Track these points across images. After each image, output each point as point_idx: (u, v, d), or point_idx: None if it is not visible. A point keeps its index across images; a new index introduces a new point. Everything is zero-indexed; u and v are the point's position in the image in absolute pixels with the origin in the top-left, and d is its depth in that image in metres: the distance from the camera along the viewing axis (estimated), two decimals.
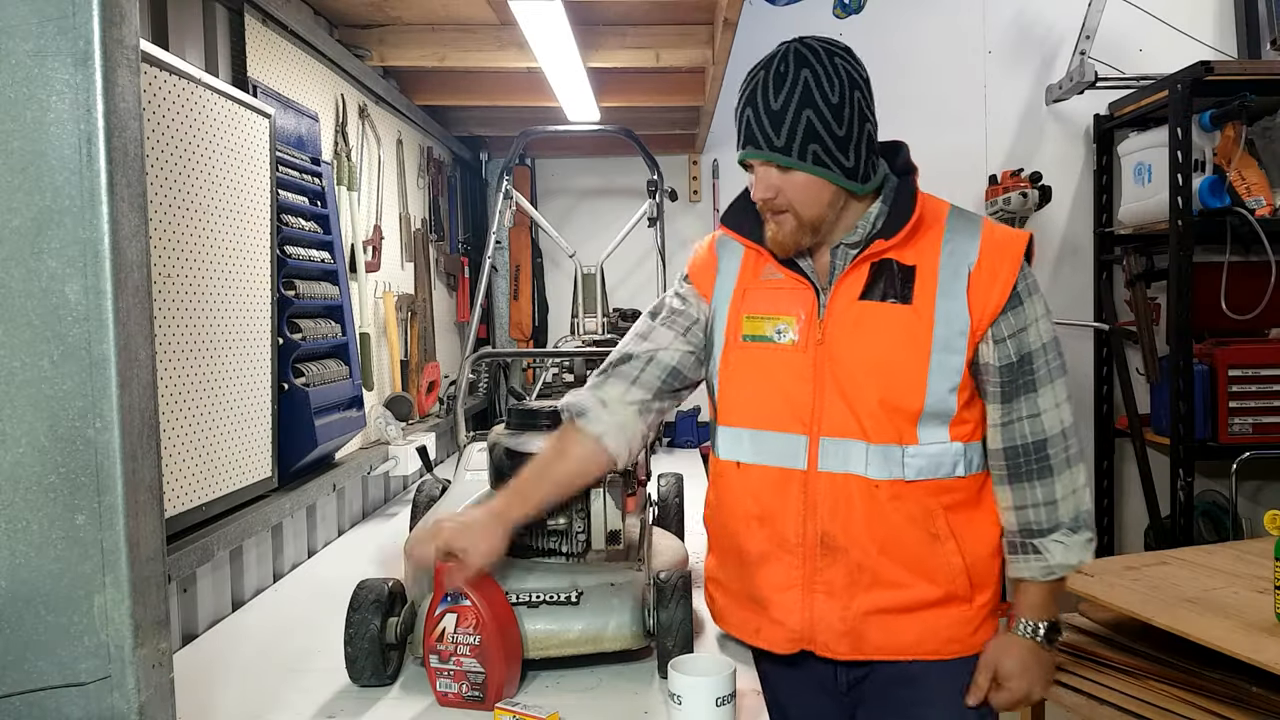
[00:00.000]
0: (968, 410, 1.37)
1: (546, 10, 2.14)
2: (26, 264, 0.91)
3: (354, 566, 2.07)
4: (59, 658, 0.94)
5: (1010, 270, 1.35)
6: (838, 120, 1.31)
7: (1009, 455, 1.37)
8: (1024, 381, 1.35)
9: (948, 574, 1.37)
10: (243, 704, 1.40)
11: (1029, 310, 1.36)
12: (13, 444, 0.92)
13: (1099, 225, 3.99)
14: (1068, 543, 1.36)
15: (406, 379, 3.09)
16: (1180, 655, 2.05)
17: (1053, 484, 1.36)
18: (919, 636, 1.38)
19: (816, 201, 1.35)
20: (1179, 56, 3.51)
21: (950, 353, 1.33)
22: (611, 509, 1.56)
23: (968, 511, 1.39)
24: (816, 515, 1.37)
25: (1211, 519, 3.68)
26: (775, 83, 1.31)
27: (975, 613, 1.40)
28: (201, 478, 1.70)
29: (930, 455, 1.35)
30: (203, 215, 1.70)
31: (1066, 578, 1.39)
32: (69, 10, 0.90)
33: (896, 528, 1.35)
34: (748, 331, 1.43)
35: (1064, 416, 1.37)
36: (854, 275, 1.37)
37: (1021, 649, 1.38)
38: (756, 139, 1.33)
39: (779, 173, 1.34)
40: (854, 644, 1.38)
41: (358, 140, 2.73)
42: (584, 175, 4.20)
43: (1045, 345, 1.36)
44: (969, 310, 1.33)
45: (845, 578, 1.37)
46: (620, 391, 1.47)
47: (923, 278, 1.35)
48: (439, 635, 1.32)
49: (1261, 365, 3.35)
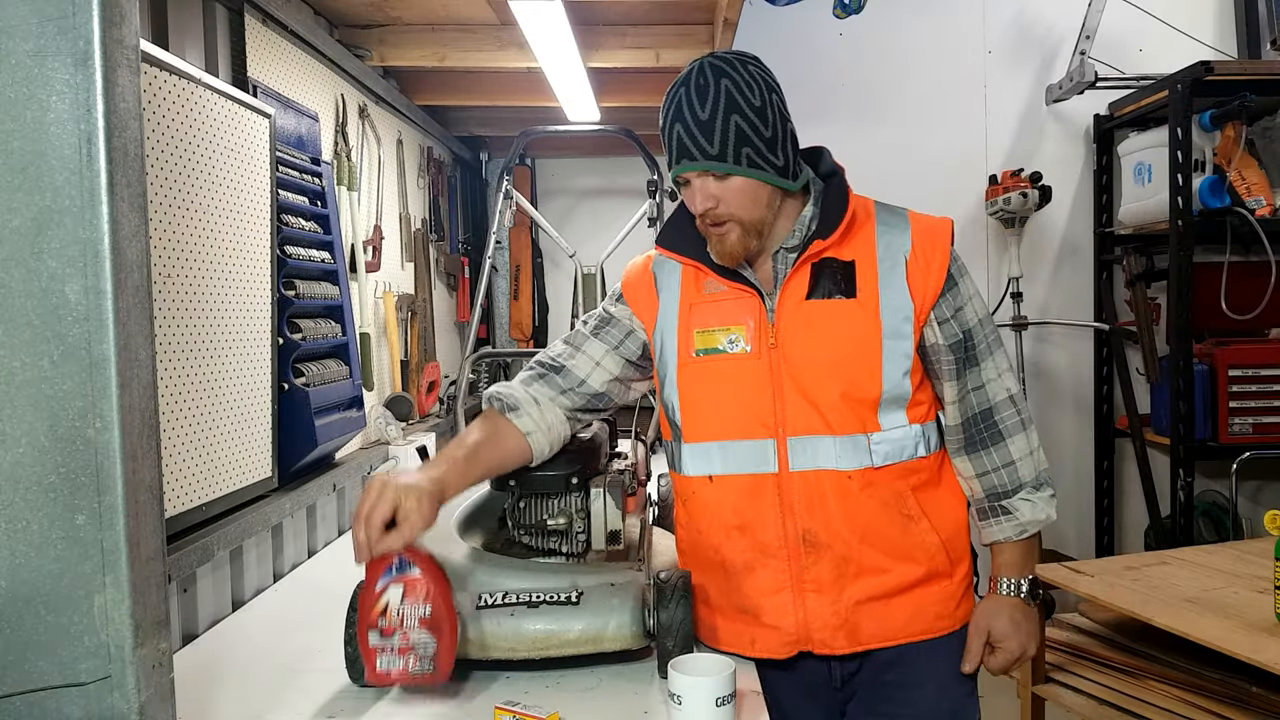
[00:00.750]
0: (920, 392, 1.44)
1: (546, 10, 2.14)
2: (26, 264, 0.91)
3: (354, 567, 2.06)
4: (59, 658, 0.94)
5: (943, 255, 1.42)
6: (763, 122, 1.35)
7: (965, 427, 1.46)
8: (970, 355, 1.44)
9: (926, 552, 1.43)
10: (243, 704, 1.40)
11: (963, 290, 1.44)
12: (13, 444, 0.92)
13: (1099, 225, 3.99)
14: (1034, 499, 1.45)
15: (406, 379, 3.09)
16: (1180, 655, 2.05)
17: (1008, 447, 1.44)
18: (909, 618, 1.43)
19: (755, 204, 1.38)
20: (1179, 56, 3.51)
21: (899, 339, 1.40)
22: (611, 509, 1.57)
23: (932, 490, 1.46)
24: (794, 515, 1.40)
25: (1212, 519, 3.68)
26: (699, 95, 1.34)
27: (956, 586, 1.47)
28: (201, 478, 1.70)
29: (894, 440, 1.41)
30: (203, 215, 1.70)
31: (1039, 534, 1.48)
32: (69, 10, 0.90)
33: (873, 515, 1.40)
34: (699, 346, 1.45)
35: (1009, 384, 1.46)
36: (797, 277, 1.42)
37: (1010, 607, 1.46)
38: (690, 151, 1.35)
39: (716, 182, 1.37)
40: (850, 636, 1.42)
41: (358, 140, 2.73)
42: (584, 175, 4.20)
43: (981, 320, 1.45)
44: (910, 296, 1.40)
45: (832, 572, 1.40)
46: (551, 395, 1.52)
47: (863, 271, 1.41)
48: (382, 610, 1.25)
49: (1262, 365, 3.35)
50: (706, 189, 1.37)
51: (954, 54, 4.01)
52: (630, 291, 1.56)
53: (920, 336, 1.42)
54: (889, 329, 1.39)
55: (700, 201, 1.38)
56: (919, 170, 3.87)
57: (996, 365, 1.45)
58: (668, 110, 1.38)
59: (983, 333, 1.44)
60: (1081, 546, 4.10)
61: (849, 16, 3.62)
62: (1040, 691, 2.24)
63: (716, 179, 1.36)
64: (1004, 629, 1.45)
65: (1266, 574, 2.12)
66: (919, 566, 1.43)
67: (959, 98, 4.01)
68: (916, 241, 1.42)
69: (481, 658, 1.40)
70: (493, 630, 1.41)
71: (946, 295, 1.42)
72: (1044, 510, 1.46)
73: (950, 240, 1.44)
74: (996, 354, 1.46)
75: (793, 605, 1.42)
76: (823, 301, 1.40)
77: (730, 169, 1.35)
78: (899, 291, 1.40)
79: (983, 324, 1.45)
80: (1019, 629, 1.46)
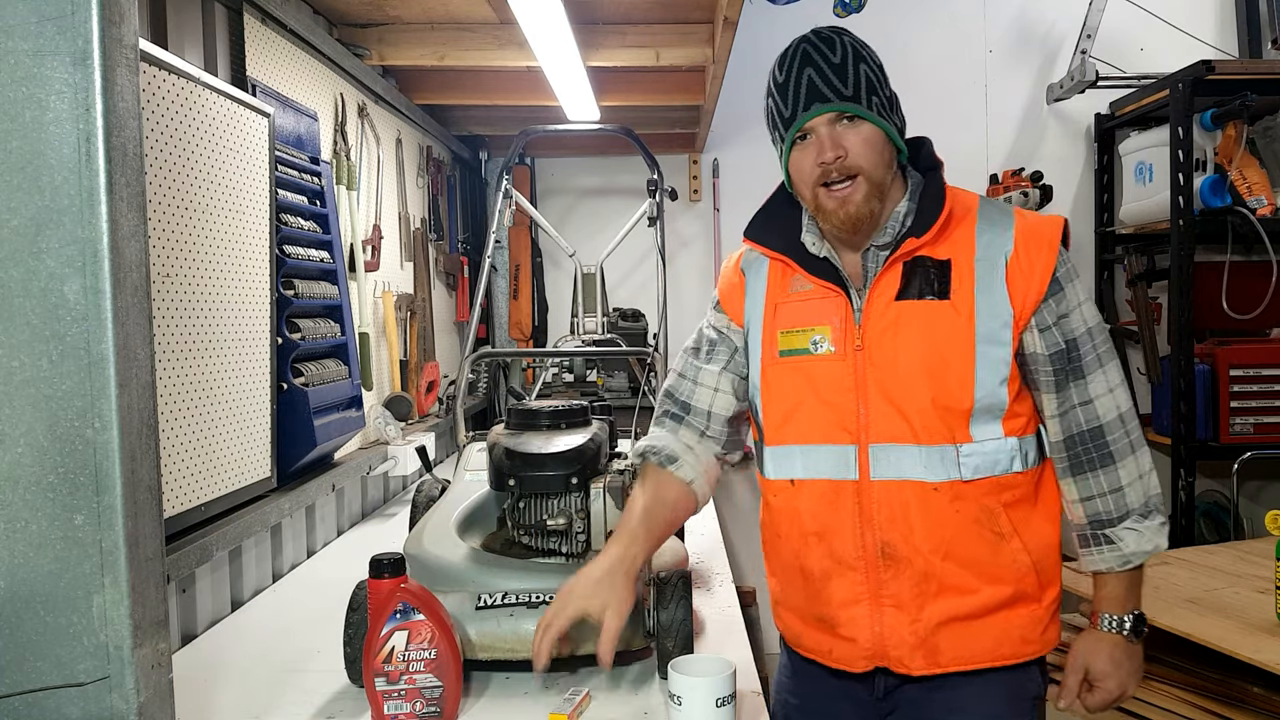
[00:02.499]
0: (1018, 403, 1.33)
1: (546, 9, 2.14)
2: (25, 263, 0.91)
3: (353, 567, 2.06)
4: (58, 658, 0.93)
5: (1048, 257, 1.32)
6: (883, 81, 1.33)
7: (1069, 445, 1.34)
8: (1074, 368, 1.32)
9: (1015, 573, 1.33)
10: (242, 704, 1.40)
11: (1070, 296, 1.32)
12: (11, 444, 0.92)
13: (1100, 225, 3.98)
14: (1140, 529, 1.32)
15: (406, 379, 3.09)
16: (1181, 655, 2.05)
17: (1116, 471, 1.32)
18: (995, 641, 1.34)
19: (882, 160, 1.32)
20: (1180, 56, 3.51)
21: (995, 345, 1.30)
22: (611, 509, 1.56)
23: (1027, 507, 1.35)
24: (874, 526, 1.33)
25: (1212, 519, 3.68)
26: (826, 45, 1.31)
27: (1044, 610, 1.36)
28: (200, 478, 1.70)
29: (986, 453, 1.31)
30: (202, 215, 1.70)
31: (1144, 566, 1.35)
32: (68, 10, 0.90)
33: (959, 530, 1.31)
34: (784, 346, 1.39)
35: (1119, 401, 1.33)
36: (888, 276, 1.34)
37: (1111, 646, 1.35)
38: (824, 94, 1.29)
39: (846, 128, 1.30)
40: (929, 657, 1.33)
41: (357, 139, 2.73)
42: (584, 175, 4.19)
43: (1091, 330, 1.33)
44: (1010, 301, 1.30)
45: (912, 588, 1.32)
46: (696, 438, 1.47)
47: (959, 272, 1.32)
48: (386, 655, 1.26)
49: (1263, 365, 3.35)
50: (835, 137, 1.30)
51: (955, 53, 4.01)
52: (725, 297, 1.50)
53: (1020, 343, 1.32)
54: (984, 334, 1.30)
55: (830, 148, 1.30)
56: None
57: (1108, 380, 1.33)
58: (792, 60, 1.32)
59: (1092, 343, 1.32)
60: None
61: (849, 16, 3.62)
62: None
63: (847, 125, 1.30)
64: (1103, 668, 1.34)
65: (1267, 574, 2.12)
66: (1007, 587, 1.33)
67: (960, 97, 4.01)
68: (1019, 241, 1.32)
69: (481, 658, 1.40)
70: (493, 630, 1.41)
71: (1050, 300, 1.31)
72: (1151, 541, 1.33)
73: (1060, 241, 1.33)
74: (1108, 367, 1.33)
75: (869, 619, 1.34)
76: (914, 302, 1.32)
77: (865, 113, 1.29)
78: (998, 294, 1.30)
79: (1092, 334, 1.33)
80: (1119, 668, 1.34)
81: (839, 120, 1.30)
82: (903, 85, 1.40)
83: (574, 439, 1.63)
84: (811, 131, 1.31)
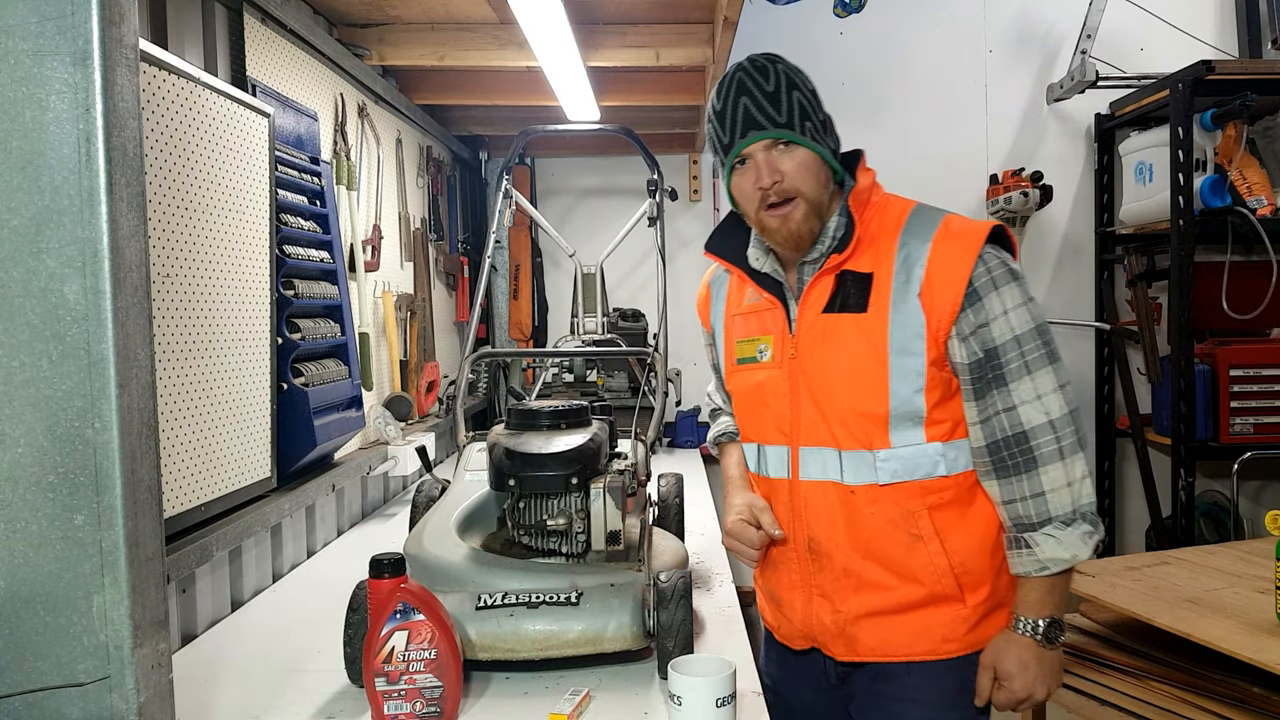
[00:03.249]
0: (940, 410, 1.37)
1: (546, 9, 2.14)
2: (25, 264, 0.91)
3: (353, 567, 2.06)
4: (58, 658, 0.93)
5: (963, 267, 1.34)
6: (816, 106, 1.39)
7: (991, 450, 1.36)
8: (993, 376, 1.34)
9: (932, 574, 1.38)
10: (242, 704, 1.39)
11: (990, 305, 1.34)
12: (11, 444, 0.92)
13: (1100, 225, 3.98)
14: (1059, 536, 1.32)
15: (406, 379, 3.09)
16: (1181, 656, 2.05)
17: (1038, 476, 1.33)
18: (913, 636, 1.40)
19: (818, 181, 1.38)
20: (1180, 56, 3.51)
21: (908, 355, 1.35)
22: (611, 509, 1.56)
23: (958, 510, 1.39)
24: (803, 522, 1.44)
25: (1213, 519, 3.68)
26: (760, 73, 1.37)
27: (971, 612, 1.39)
28: (200, 478, 1.70)
29: (904, 458, 1.37)
30: (202, 215, 1.70)
31: (1069, 573, 1.36)
32: (68, 9, 0.90)
33: (876, 531, 1.38)
34: (739, 355, 1.53)
35: (1049, 407, 1.33)
36: (818, 289, 1.42)
37: (1019, 648, 1.36)
38: (758, 121, 1.35)
39: (781, 154, 1.36)
40: (848, 645, 1.44)
41: (357, 139, 2.73)
42: (584, 175, 4.19)
43: (1018, 337, 1.34)
44: (923, 311, 1.34)
45: (833, 582, 1.43)
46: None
47: (879, 284, 1.37)
48: (386, 655, 1.27)
49: (1263, 365, 3.35)
50: (772, 162, 1.36)
51: (955, 53, 4.01)
52: (699, 309, 1.67)
53: (945, 351, 1.36)
54: (897, 345, 1.35)
55: (766, 175, 1.36)
56: (920, 170, 3.86)
57: (1036, 386, 1.33)
58: (728, 89, 1.38)
59: (1017, 350, 1.33)
60: None
61: (849, 15, 3.62)
62: None
63: (781, 151, 1.36)
64: (1008, 669, 1.36)
65: (1267, 574, 2.12)
66: (922, 587, 1.38)
67: (960, 97, 4.00)
68: (934, 252, 1.35)
69: (482, 658, 1.40)
70: (493, 630, 1.40)
71: (967, 310, 1.34)
72: (1070, 549, 1.32)
73: (979, 249, 1.34)
74: (1038, 374, 1.33)
75: (802, 604, 1.48)
76: (837, 315, 1.39)
77: (798, 139, 1.36)
78: (910, 305, 1.35)
79: (1020, 341, 1.33)
80: (1025, 670, 1.35)
81: (775, 146, 1.37)
82: (903, 85, 1.42)
83: (574, 439, 1.63)
84: (750, 156, 1.38)
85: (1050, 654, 1.37)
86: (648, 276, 4.08)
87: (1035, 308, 1.36)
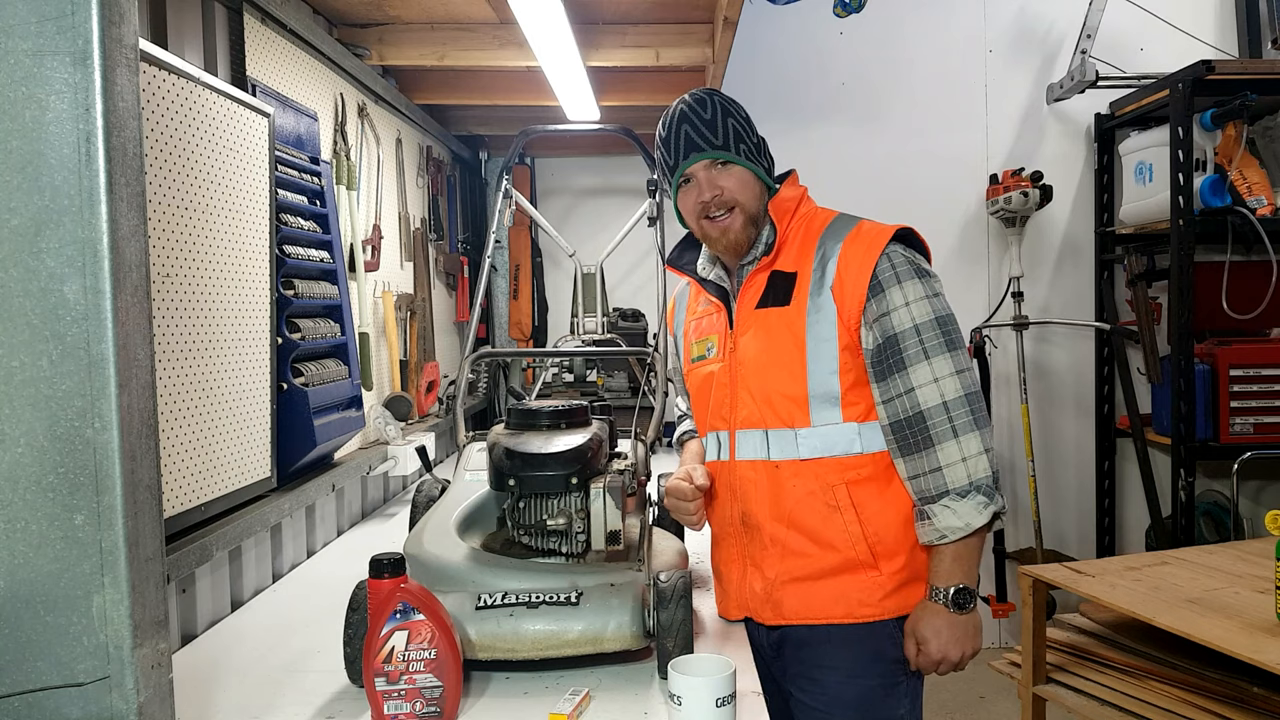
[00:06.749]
0: (854, 393, 1.54)
1: (546, 9, 2.14)
2: (25, 263, 0.91)
3: (353, 567, 2.06)
4: (58, 658, 0.93)
5: (867, 262, 1.52)
6: (751, 130, 1.61)
7: (895, 430, 1.51)
8: (894, 361, 1.50)
9: (846, 541, 1.53)
10: (242, 704, 1.39)
11: (892, 296, 1.50)
12: (11, 444, 0.92)
13: (1100, 225, 3.99)
14: (954, 507, 1.46)
15: (406, 379, 3.09)
16: (1181, 656, 2.05)
17: (935, 453, 1.47)
18: (831, 599, 1.55)
19: (753, 195, 1.59)
20: (1180, 56, 3.51)
21: (823, 342, 1.53)
22: (611, 509, 1.56)
23: (877, 486, 1.54)
24: (737, 498, 1.62)
25: (1213, 519, 3.68)
26: (699, 104, 1.59)
27: (886, 579, 1.54)
28: (200, 478, 1.70)
29: (823, 435, 1.54)
30: (202, 215, 1.70)
31: (976, 544, 1.50)
32: (68, 9, 0.90)
33: (798, 502, 1.55)
34: (693, 354, 1.74)
35: (945, 390, 1.48)
36: (752, 289, 1.62)
37: (932, 614, 1.51)
38: (698, 144, 1.57)
39: (720, 171, 1.58)
40: (775, 610, 1.59)
41: (357, 139, 2.73)
42: (584, 175, 4.19)
43: (918, 326, 1.49)
44: (835, 303, 1.53)
45: (762, 551, 1.59)
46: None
47: (800, 281, 1.57)
48: (386, 655, 1.27)
49: (1263, 365, 3.35)
50: (712, 179, 1.58)
51: (955, 53, 4.01)
52: (669, 323, 1.89)
53: (859, 339, 1.52)
54: (813, 333, 1.53)
55: (707, 189, 1.58)
56: (919, 169, 3.87)
57: (934, 370, 1.48)
58: (672, 118, 1.59)
59: (916, 338, 1.48)
60: (1082, 547, 4.10)
61: (849, 15, 3.62)
62: (1041, 692, 2.24)
63: (720, 169, 1.58)
64: (924, 634, 1.51)
65: (1267, 574, 2.12)
66: (838, 553, 1.53)
67: (960, 97, 4.01)
68: (845, 250, 1.54)
69: (481, 658, 1.40)
70: (493, 630, 1.40)
71: (871, 301, 1.51)
72: (964, 518, 1.46)
73: (882, 248, 1.51)
74: (936, 359, 1.48)
75: (738, 576, 1.64)
76: (766, 310, 1.58)
77: (733, 158, 1.58)
78: (824, 297, 1.53)
79: (920, 329, 1.48)
80: (938, 635, 1.50)
81: (714, 165, 1.58)
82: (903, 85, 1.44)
83: (574, 439, 1.63)
84: (692, 176, 1.60)
85: (962, 619, 1.50)
86: (648, 276, 4.08)
87: (939, 302, 1.52)
